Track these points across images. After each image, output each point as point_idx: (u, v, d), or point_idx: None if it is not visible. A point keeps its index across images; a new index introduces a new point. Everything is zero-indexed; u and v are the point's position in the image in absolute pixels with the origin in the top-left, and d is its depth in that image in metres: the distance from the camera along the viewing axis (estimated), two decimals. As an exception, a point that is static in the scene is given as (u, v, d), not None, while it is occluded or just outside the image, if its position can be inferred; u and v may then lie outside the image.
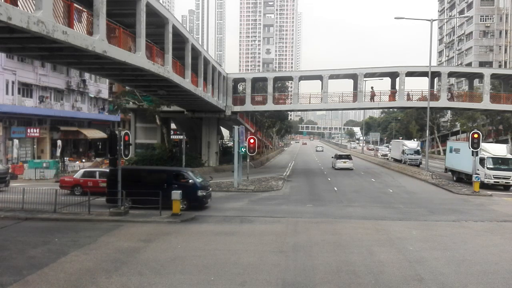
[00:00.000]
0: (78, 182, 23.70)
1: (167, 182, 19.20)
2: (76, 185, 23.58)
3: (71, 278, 9.92)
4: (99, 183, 23.09)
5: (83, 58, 18.71)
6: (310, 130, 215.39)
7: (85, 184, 23.32)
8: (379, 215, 19.01)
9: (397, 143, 57.46)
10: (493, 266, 11.36)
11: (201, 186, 19.60)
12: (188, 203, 19.03)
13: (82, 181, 23.61)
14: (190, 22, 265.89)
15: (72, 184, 23.73)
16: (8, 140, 37.86)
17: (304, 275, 10.33)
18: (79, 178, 23.93)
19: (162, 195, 17.75)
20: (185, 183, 19.31)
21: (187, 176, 19.69)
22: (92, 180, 23.44)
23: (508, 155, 29.96)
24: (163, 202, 17.75)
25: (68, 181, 24.13)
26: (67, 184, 23.85)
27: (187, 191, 18.88)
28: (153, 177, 20.26)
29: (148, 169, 23.59)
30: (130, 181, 19.05)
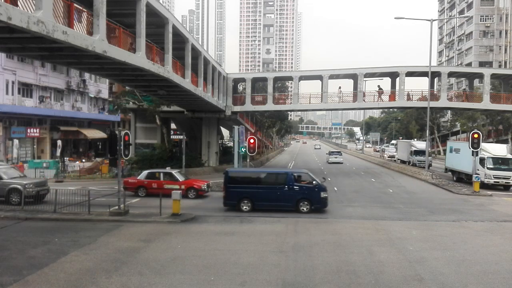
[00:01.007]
0: (142, 183, 23.35)
1: (288, 184, 18.99)
2: (140, 186, 23.28)
3: (71, 278, 9.92)
4: (164, 184, 22.92)
5: (83, 58, 18.71)
6: (310, 130, 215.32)
7: (150, 185, 23.14)
8: (379, 215, 19.02)
9: (404, 143, 54.25)
10: (493, 266, 11.35)
11: (324, 188, 19.36)
12: (311, 205, 18.82)
13: (146, 182, 23.31)
14: (190, 22, 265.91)
15: (136, 185, 23.36)
16: (8, 140, 37.88)
17: (304, 275, 10.33)
18: (143, 179, 23.54)
19: (283, 197, 18.01)
20: (307, 185, 19.13)
21: (309, 177, 19.51)
22: (157, 182, 23.16)
23: (508, 155, 29.96)
24: (285, 204, 18.40)
25: (132, 183, 23.62)
26: (131, 186, 23.37)
27: (309, 193, 18.84)
28: (273, 179, 19.91)
29: (267, 171, 23.33)
30: (248, 183, 19.25)
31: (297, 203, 18.89)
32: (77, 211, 17.74)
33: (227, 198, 19.38)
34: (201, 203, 21.77)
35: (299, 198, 18.91)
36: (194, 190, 23.23)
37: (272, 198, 18.95)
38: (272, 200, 19.00)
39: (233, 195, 19.16)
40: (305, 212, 18.64)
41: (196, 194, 23.22)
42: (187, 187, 23.15)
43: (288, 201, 18.90)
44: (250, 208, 18.95)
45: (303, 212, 18.70)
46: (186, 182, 23.58)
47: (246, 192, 19.13)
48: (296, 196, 18.91)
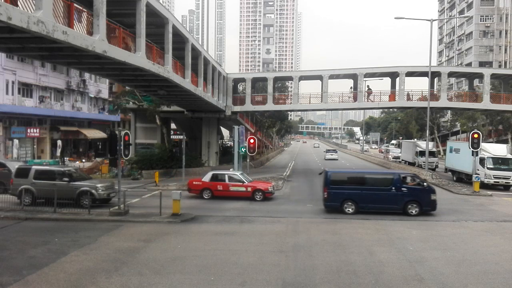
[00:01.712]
0: (207, 185, 22.97)
1: (395, 185, 18.68)
2: (205, 188, 22.94)
3: (71, 278, 9.92)
4: (229, 186, 22.70)
5: (83, 58, 18.71)
6: (310, 130, 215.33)
7: (215, 187, 22.84)
8: (379, 215, 19.00)
9: (408, 144, 52.15)
10: (493, 266, 11.35)
11: (433, 190, 18.97)
12: (420, 207, 18.43)
13: (211, 184, 22.94)
14: (190, 22, 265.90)
15: (201, 187, 23.01)
16: (8, 140, 37.87)
17: (304, 275, 10.33)
18: (208, 181, 23.12)
19: (390, 199, 17.84)
20: (415, 186, 18.81)
21: (418, 178, 19.19)
22: (222, 184, 22.86)
23: (508, 155, 29.95)
24: (392, 207, 18.23)
25: (197, 185, 23.22)
26: (195, 188, 23.15)
27: (419, 195, 18.54)
28: (379, 180, 19.64)
29: (372, 172, 22.80)
30: (351, 185, 19.01)
31: (405, 206, 18.48)
32: (77, 211, 17.75)
33: (329, 199, 18.97)
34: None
35: (408, 200, 18.50)
36: (261, 192, 22.75)
37: (378, 200, 18.55)
38: (378, 202, 18.59)
39: (335, 196, 18.81)
40: (413, 215, 18.20)
41: (263, 196, 22.70)
42: (254, 189, 22.77)
43: (395, 203, 18.50)
44: (354, 210, 18.61)
45: (411, 214, 18.25)
46: (253, 184, 23.20)
47: (350, 193, 18.76)
48: (404, 198, 18.50)
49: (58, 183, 18.88)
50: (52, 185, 18.63)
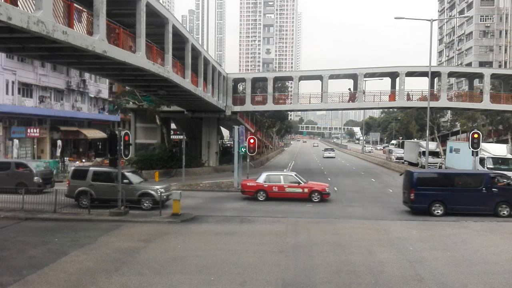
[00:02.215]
0: (261, 187, 22.63)
1: (485, 186, 18.26)
2: (260, 190, 22.60)
3: (71, 278, 9.92)
4: (285, 188, 22.42)
5: (83, 58, 18.71)
6: (310, 130, 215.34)
7: (270, 189, 22.52)
8: (379, 215, 19.02)
9: (411, 144, 51.34)
10: (493, 266, 11.35)
11: None
12: (511, 208, 18.06)
13: (266, 185, 22.61)
14: (190, 22, 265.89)
15: (255, 189, 22.70)
16: (8, 140, 37.86)
17: (304, 275, 10.33)
18: (263, 182, 22.80)
19: (480, 200, 17.57)
20: (505, 186, 18.36)
21: (507, 179, 18.74)
22: (278, 185, 22.58)
23: (508, 155, 29.97)
24: (482, 208, 17.91)
25: (251, 186, 22.86)
26: (250, 189, 22.85)
27: (509, 195, 18.14)
28: (468, 181, 19.22)
29: (461, 172, 22.38)
30: (439, 186, 18.69)
31: (496, 207, 18.09)
32: (77, 211, 17.76)
33: (416, 201, 18.52)
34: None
35: (498, 201, 18.10)
36: (318, 193, 22.40)
37: (468, 202, 18.13)
38: (467, 204, 18.18)
39: (423, 198, 18.33)
40: (505, 216, 17.86)
41: (320, 197, 22.37)
42: (311, 190, 22.43)
43: (486, 205, 18.12)
44: (442, 212, 18.24)
45: (503, 216, 17.92)
46: (309, 185, 22.92)
47: (438, 195, 18.37)
48: (495, 199, 18.09)
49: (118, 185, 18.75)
50: (111, 186, 18.57)
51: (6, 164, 24.63)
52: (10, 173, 23.55)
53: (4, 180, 22.65)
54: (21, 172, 23.81)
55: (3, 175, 23.32)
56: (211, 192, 26.10)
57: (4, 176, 23.21)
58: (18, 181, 23.02)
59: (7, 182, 22.18)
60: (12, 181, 22.69)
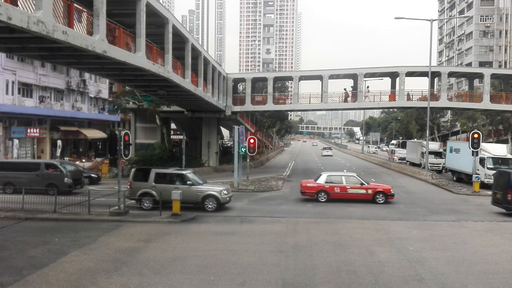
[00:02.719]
0: (323, 187, 22.36)
1: None
2: (320, 191, 22.32)
3: (71, 278, 9.92)
4: (347, 189, 22.12)
5: (83, 58, 18.71)
6: (310, 130, 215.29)
7: (331, 190, 22.23)
8: (379, 215, 19.01)
9: (413, 144, 50.41)
10: (493, 266, 11.35)
11: None
12: None
13: (328, 186, 22.32)
14: (190, 22, 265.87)
15: (316, 190, 22.38)
16: (8, 140, 37.86)
17: (304, 275, 10.33)
18: (324, 183, 22.49)
19: None
20: None
21: None
22: (340, 186, 22.26)
23: (508, 155, 29.95)
24: None
25: (311, 187, 22.49)
26: (310, 190, 22.51)
27: None
28: None
29: None
30: None
31: None
32: (77, 211, 17.75)
33: None
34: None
35: None
36: (382, 194, 22.07)
37: None
38: None
39: None
40: None
41: (385, 198, 22.04)
42: (375, 191, 22.15)
43: None
44: None
45: None
46: (373, 186, 22.76)
47: None
48: None
49: (181, 186, 18.76)
50: (174, 188, 18.45)
51: (35, 165, 24.17)
52: (40, 174, 23.20)
53: (34, 181, 22.35)
54: (52, 173, 23.45)
55: (33, 176, 23.01)
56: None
57: (34, 177, 22.93)
58: (48, 182, 22.68)
59: (37, 183, 21.93)
60: (42, 182, 22.32)
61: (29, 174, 23.23)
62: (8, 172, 23.53)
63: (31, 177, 22.87)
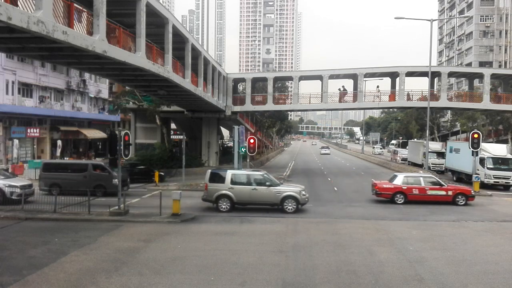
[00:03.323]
0: (400, 189, 21.85)
1: None
2: (398, 192, 21.83)
3: (71, 278, 9.92)
4: (426, 190, 21.64)
5: (83, 58, 18.71)
6: (310, 130, 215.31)
7: (410, 191, 21.73)
8: (379, 215, 19.01)
9: (415, 144, 49.46)
10: (493, 266, 11.35)
11: None
12: None
13: (405, 188, 21.80)
14: (190, 22, 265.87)
15: (393, 191, 21.91)
16: (8, 140, 37.86)
17: (304, 275, 10.33)
18: (401, 184, 22.00)
19: None
20: None
21: None
22: (418, 188, 21.76)
23: (508, 155, 29.96)
24: None
25: (388, 188, 22.05)
26: (386, 191, 22.07)
27: None
28: None
29: None
30: None
31: None
32: (77, 211, 17.74)
33: None
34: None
35: None
36: (463, 195, 21.64)
37: None
38: None
39: None
40: None
41: (465, 200, 21.63)
42: (455, 192, 21.71)
43: None
44: None
45: None
46: (453, 187, 22.38)
47: None
48: None
49: (259, 187, 18.69)
50: (252, 190, 18.47)
51: (83, 166, 23.83)
52: (88, 175, 22.91)
53: (82, 182, 22.24)
54: (100, 174, 23.16)
55: (80, 177, 22.79)
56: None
57: (81, 178, 22.74)
58: (96, 183, 22.53)
59: (84, 184, 21.75)
60: (90, 184, 22.12)
61: (77, 175, 22.85)
62: (54, 173, 23.12)
63: (78, 178, 22.61)
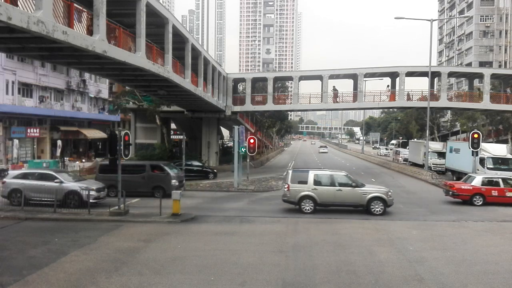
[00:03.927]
0: (479, 190, 21.62)
1: None
2: (476, 194, 21.60)
3: (71, 278, 9.92)
4: (506, 192, 21.38)
5: (83, 58, 18.71)
6: (310, 130, 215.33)
7: (488, 193, 21.49)
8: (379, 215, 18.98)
9: (416, 144, 48.66)
10: (493, 266, 11.35)
11: None
12: None
13: (484, 189, 21.58)
14: (190, 22, 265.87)
15: (472, 192, 21.64)
16: (8, 140, 37.87)
17: (304, 275, 10.33)
18: (480, 186, 21.76)
19: None
20: None
21: None
22: (498, 189, 21.51)
23: (508, 155, 29.96)
24: None
25: (466, 190, 21.81)
26: (464, 193, 21.80)
27: None
28: None
29: None
30: None
31: None
32: (77, 211, 17.74)
33: None
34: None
35: None
36: None
37: None
38: None
39: None
40: None
41: None
42: None
43: None
44: None
45: None
46: None
47: None
48: None
49: (344, 188, 18.52)
50: (337, 190, 18.32)
51: (140, 167, 23.45)
52: (146, 176, 22.71)
53: (140, 183, 22.16)
54: (158, 175, 22.88)
55: (138, 178, 22.54)
56: (211, 192, 26.09)
57: (139, 180, 22.53)
58: (154, 184, 22.41)
59: (143, 185, 21.53)
60: (148, 185, 22.10)
61: (135, 176, 22.53)
62: (111, 174, 22.13)
63: (136, 179, 22.38)
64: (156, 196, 20.93)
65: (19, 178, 19.31)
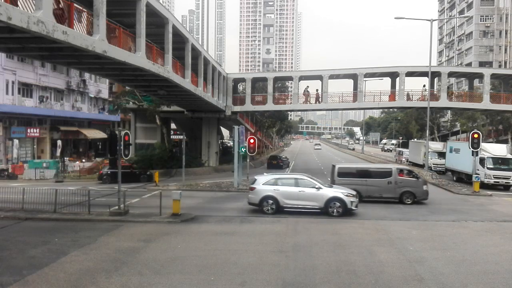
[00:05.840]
0: None
1: None
2: None
3: (71, 278, 9.91)
4: None
5: (83, 58, 18.72)
6: (310, 130, 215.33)
7: None
8: (379, 215, 18.99)
9: (416, 144, 48.88)
10: (493, 266, 11.35)
11: None
12: None
13: None
14: (190, 22, 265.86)
15: None
16: (8, 140, 37.88)
17: (304, 275, 10.33)
18: None
19: None
20: None
21: None
22: None
23: (508, 155, 29.95)
24: None
25: None
26: None
27: None
28: None
29: None
30: None
31: None
32: (77, 211, 17.73)
33: None
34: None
35: None
36: None
37: None
38: None
39: None
40: None
41: None
42: None
43: None
44: None
45: None
46: None
47: None
48: None
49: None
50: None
51: (386, 171, 22.36)
52: (393, 181, 21.62)
53: (385, 189, 21.54)
54: (406, 179, 21.84)
55: (383, 183, 21.72)
56: (211, 192, 26.08)
57: (385, 185, 21.67)
58: (403, 190, 21.54)
59: (389, 191, 21.14)
60: (395, 190, 21.40)
61: (379, 181, 21.80)
62: (352, 178, 21.84)
63: (381, 184, 21.67)
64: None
65: None
